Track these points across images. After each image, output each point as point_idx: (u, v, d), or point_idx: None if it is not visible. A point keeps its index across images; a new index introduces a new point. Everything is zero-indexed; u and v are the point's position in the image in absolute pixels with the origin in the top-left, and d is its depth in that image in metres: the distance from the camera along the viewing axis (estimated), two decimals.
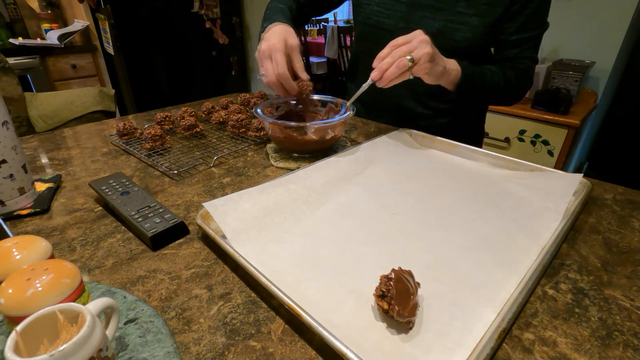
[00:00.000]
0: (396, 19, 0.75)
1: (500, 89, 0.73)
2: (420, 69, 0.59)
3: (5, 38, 2.22)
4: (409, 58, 0.58)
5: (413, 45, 0.59)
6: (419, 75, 0.61)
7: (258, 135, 0.75)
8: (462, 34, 0.71)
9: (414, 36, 0.60)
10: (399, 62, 0.58)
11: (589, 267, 0.40)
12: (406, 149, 0.70)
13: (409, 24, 0.74)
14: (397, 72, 0.58)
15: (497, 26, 0.71)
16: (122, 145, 0.72)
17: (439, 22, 0.71)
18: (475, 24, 0.70)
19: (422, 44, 0.59)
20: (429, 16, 0.72)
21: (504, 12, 0.69)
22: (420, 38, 0.59)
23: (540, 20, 0.71)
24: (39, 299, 0.26)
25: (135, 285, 0.37)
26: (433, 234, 0.44)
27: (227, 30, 2.55)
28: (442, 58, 0.64)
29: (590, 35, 1.57)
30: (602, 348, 0.31)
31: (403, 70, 0.58)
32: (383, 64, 0.59)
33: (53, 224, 0.48)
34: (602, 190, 0.56)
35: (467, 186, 0.56)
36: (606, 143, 1.85)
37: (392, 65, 0.58)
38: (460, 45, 0.71)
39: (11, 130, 0.47)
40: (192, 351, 0.30)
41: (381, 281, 0.32)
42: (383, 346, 0.30)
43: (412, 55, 0.58)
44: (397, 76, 0.59)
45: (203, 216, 0.45)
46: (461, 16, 0.70)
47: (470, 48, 0.72)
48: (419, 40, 0.59)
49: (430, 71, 0.61)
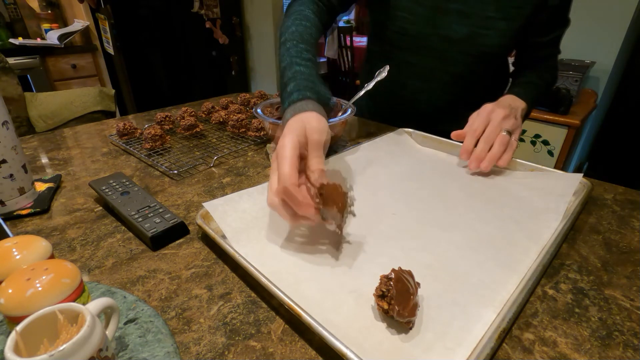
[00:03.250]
0: (421, 24, 0.71)
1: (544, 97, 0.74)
2: (516, 135, 0.60)
3: (5, 38, 2.22)
4: (504, 132, 0.58)
5: (495, 121, 0.59)
6: None
7: (258, 135, 0.75)
8: (492, 39, 0.68)
9: (487, 113, 0.60)
10: (501, 139, 0.57)
11: (589, 267, 0.40)
12: (406, 149, 0.70)
13: (435, 30, 0.70)
14: (503, 148, 0.57)
15: (524, 28, 0.68)
16: (122, 145, 0.72)
17: (467, 27, 0.68)
18: (504, 29, 0.67)
19: (497, 114, 0.59)
20: (456, 21, 0.68)
21: (532, 14, 0.66)
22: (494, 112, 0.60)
23: (564, 18, 0.69)
24: (39, 299, 0.26)
25: (135, 285, 0.37)
26: (433, 234, 0.44)
27: (227, 30, 2.54)
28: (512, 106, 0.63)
29: (590, 35, 1.57)
30: (602, 348, 0.31)
31: (507, 144, 0.58)
32: (478, 152, 0.58)
33: (53, 224, 0.48)
34: (602, 190, 0.56)
35: (467, 186, 0.56)
36: (606, 143, 1.85)
37: (495, 144, 0.57)
38: (489, 51, 0.70)
39: (11, 130, 0.47)
40: (192, 351, 0.30)
41: (381, 281, 0.32)
42: (383, 346, 0.30)
43: (505, 129, 0.58)
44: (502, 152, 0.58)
45: (203, 216, 0.45)
46: (490, 21, 0.67)
47: (499, 54, 0.71)
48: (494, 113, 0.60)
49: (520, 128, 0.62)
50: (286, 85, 0.51)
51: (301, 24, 0.60)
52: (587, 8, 1.54)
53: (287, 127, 0.44)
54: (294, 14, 0.64)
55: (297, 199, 0.37)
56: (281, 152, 0.40)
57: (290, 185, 0.37)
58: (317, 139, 0.42)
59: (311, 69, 0.53)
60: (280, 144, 0.41)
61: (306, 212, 0.37)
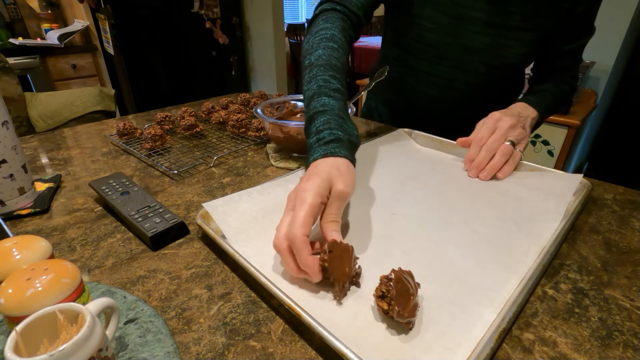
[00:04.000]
0: (442, 33, 0.68)
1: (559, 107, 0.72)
2: (522, 146, 0.59)
3: (5, 38, 2.22)
4: (508, 142, 0.57)
5: (501, 130, 0.58)
6: None
7: (258, 135, 0.75)
8: (515, 50, 0.66)
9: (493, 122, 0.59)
10: (504, 150, 0.56)
11: (589, 267, 0.40)
12: (406, 149, 0.70)
13: (456, 39, 0.68)
14: (504, 159, 0.57)
15: (548, 39, 0.67)
16: (122, 145, 0.72)
17: (489, 37, 0.66)
18: (528, 39, 0.65)
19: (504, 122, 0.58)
20: (478, 31, 0.66)
21: (558, 24, 0.64)
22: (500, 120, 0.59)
23: (589, 26, 0.67)
24: (39, 299, 0.26)
25: (135, 285, 0.37)
26: (433, 234, 0.44)
27: (227, 30, 2.54)
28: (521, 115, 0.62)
29: None
30: (602, 348, 0.31)
31: (509, 155, 0.57)
32: (479, 160, 0.57)
33: (53, 224, 0.48)
34: (602, 190, 0.56)
35: (467, 186, 0.56)
36: (606, 143, 1.85)
37: (497, 154, 0.57)
38: (511, 62, 0.68)
39: (11, 130, 0.47)
40: (192, 351, 0.30)
41: (381, 281, 0.32)
42: (383, 346, 0.30)
43: (510, 139, 0.57)
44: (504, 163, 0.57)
45: (203, 216, 0.45)
46: (514, 31, 0.65)
47: (520, 64, 0.70)
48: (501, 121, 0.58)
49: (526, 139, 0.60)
50: (313, 119, 0.46)
51: (327, 46, 0.54)
52: None
53: (317, 168, 0.40)
54: (320, 32, 0.57)
55: (302, 254, 0.34)
56: (302, 195, 0.37)
57: (300, 237, 0.34)
58: (342, 190, 0.39)
59: (340, 102, 0.48)
60: (305, 187, 0.38)
61: (309, 270, 0.34)
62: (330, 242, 0.35)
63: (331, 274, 0.34)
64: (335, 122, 0.45)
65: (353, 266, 0.36)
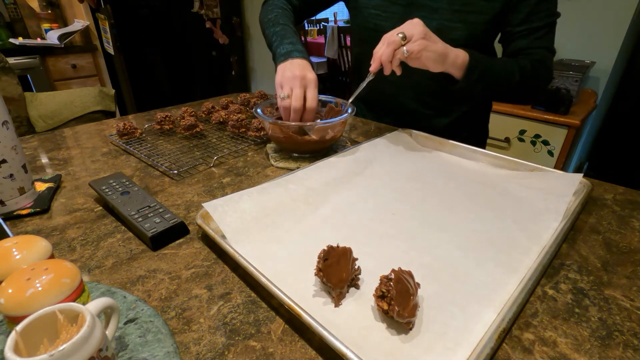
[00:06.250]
0: (394, 20, 0.73)
1: (516, 79, 0.69)
2: (414, 46, 0.58)
3: (5, 38, 2.22)
4: (400, 36, 0.58)
5: (404, 27, 0.60)
6: (419, 58, 0.60)
7: (258, 135, 0.75)
8: (460, 32, 0.70)
9: (406, 22, 0.61)
10: (389, 39, 0.59)
11: (589, 267, 0.40)
12: (406, 149, 0.70)
13: None
14: (390, 50, 0.58)
15: (497, 21, 0.70)
16: (122, 145, 0.72)
17: (436, 21, 0.71)
18: (472, 21, 0.70)
19: (413, 24, 0.60)
20: (426, 16, 0.70)
21: (504, 6, 0.68)
22: (412, 21, 0.60)
23: (548, 8, 0.67)
24: (39, 299, 0.26)
25: (135, 285, 0.37)
26: (433, 234, 0.44)
27: (227, 30, 2.54)
28: (440, 40, 0.62)
29: (590, 35, 1.57)
30: (602, 348, 0.31)
31: (395, 46, 0.58)
32: (376, 52, 0.60)
33: (53, 223, 0.48)
34: (602, 190, 0.56)
35: (467, 186, 0.56)
36: (606, 143, 1.85)
37: (384, 46, 0.59)
38: (459, 43, 0.69)
39: (11, 130, 0.47)
40: (192, 351, 0.30)
41: (381, 282, 0.32)
42: (383, 346, 0.30)
43: (403, 32, 0.59)
44: (391, 55, 0.59)
45: (203, 216, 0.45)
46: (458, 14, 0.70)
47: (469, 45, 0.70)
48: (410, 22, 0.60)
49: (427, 48, 0.59)
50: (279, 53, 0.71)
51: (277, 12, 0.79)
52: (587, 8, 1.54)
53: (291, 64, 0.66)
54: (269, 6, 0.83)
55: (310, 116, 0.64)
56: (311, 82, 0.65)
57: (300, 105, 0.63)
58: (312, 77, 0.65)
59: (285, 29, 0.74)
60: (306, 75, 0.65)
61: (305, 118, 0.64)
62: (327, 248, 0.36)
63: (328, 281, 0.34)
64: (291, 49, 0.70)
65: (351, 269, 0.36)
